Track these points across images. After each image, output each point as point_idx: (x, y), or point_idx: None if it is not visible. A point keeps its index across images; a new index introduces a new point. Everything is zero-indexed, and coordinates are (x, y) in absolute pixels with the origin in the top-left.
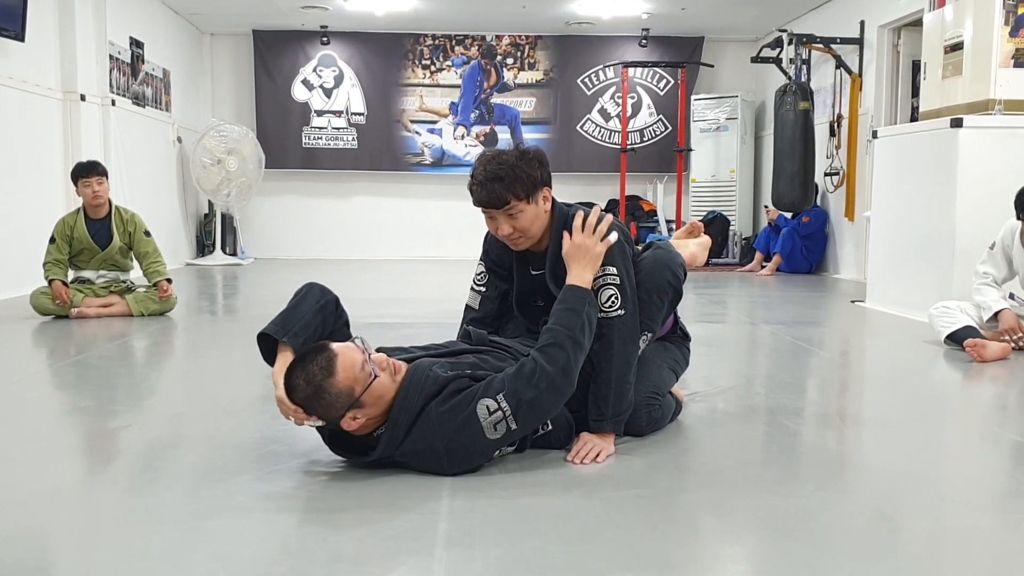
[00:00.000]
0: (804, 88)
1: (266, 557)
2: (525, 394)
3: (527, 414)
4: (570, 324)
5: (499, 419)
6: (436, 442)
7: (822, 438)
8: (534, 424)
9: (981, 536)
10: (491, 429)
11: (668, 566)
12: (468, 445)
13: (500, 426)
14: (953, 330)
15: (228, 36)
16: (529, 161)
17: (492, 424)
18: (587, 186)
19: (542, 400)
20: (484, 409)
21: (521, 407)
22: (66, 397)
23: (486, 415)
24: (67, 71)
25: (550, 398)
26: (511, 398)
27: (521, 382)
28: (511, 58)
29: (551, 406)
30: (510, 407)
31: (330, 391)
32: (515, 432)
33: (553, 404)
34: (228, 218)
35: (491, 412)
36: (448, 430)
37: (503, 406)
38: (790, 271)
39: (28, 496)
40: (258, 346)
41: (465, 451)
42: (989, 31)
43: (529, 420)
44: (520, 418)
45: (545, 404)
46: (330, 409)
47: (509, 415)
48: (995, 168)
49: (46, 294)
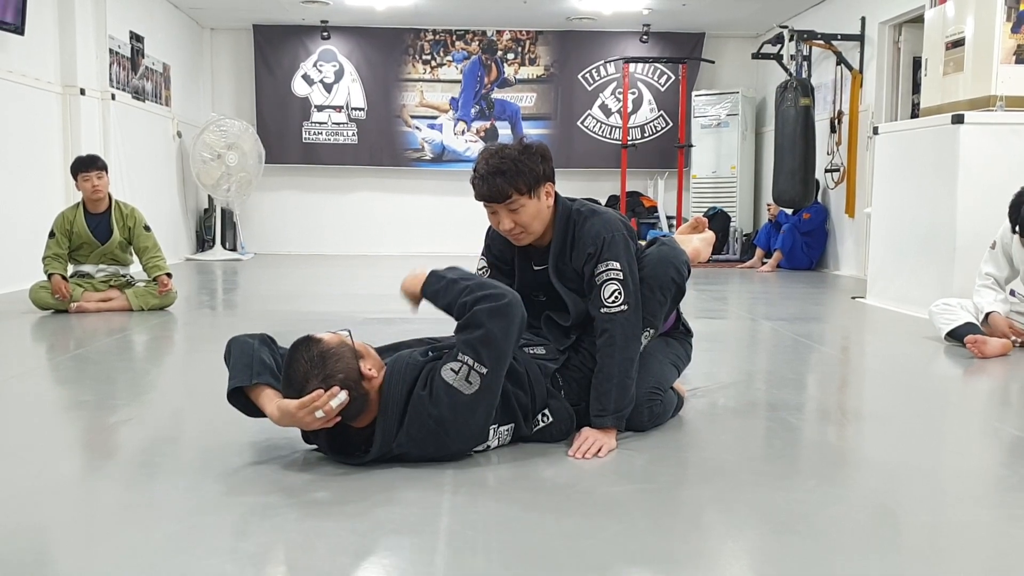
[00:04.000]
0: (805, 84)
1: (267, 551)
2: (474, 335)
3: (486, 351)
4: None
5: (466, 372)
6: (428, 422)
7: (823, 433)
8: (501, 359)
9: (982, 530)
10: (464, 384)
11: (670, 560)
12: (455, 412)
13: (472, 377)
14: (954, 327)
15: (228, 31)
16: (532, 155)
17: (463, 379)
18: (588, 182)
19: (493, 330)
20: (449, 372)
21: (477, 349)
22: (66, 392)
23: (452, 376)
24: (67, 65)
25: (499, 325)
26: (465, 348)
27: (465, 332)
28: (512, 53)
29: (504, 334)
30: (469, 356)
31: (330, 348)
32: (488, 376)
33: (504, 332)
34: (228, 213)
35: (456, 372)
36: (433, 405)
37: (463, 359)
38: (791, 267)
39: (28, 491)
40: (233, 406)
41: (455, 419)
42: (991, 27)
43: (492, 356)
44: (484, 358)
45: (498, 334)
46: (346, 362)
47: (473, 364)
48: (996, 165)
49: (45, 288)
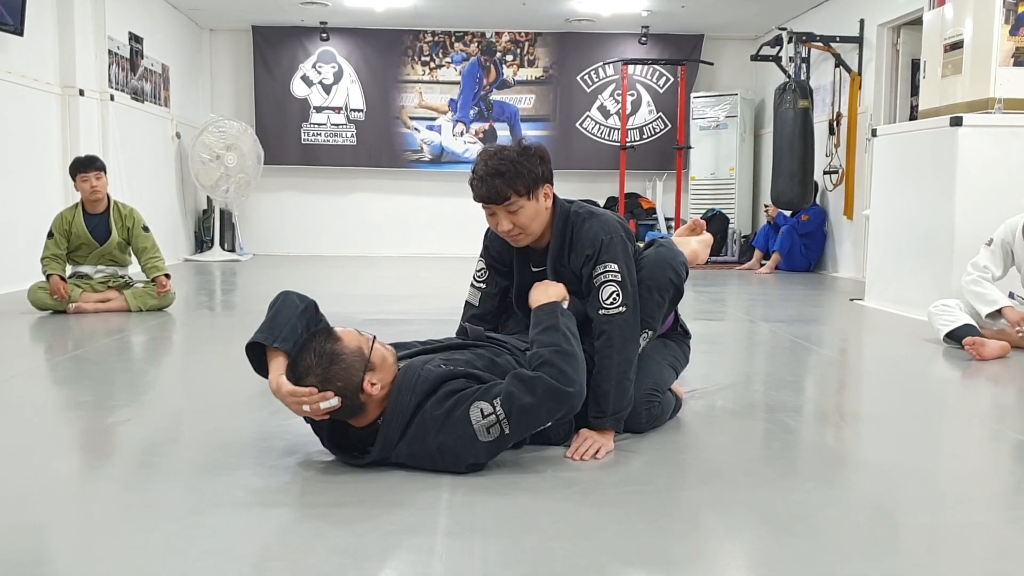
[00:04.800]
0: (803, 86)
1: (265, 552)
2: (522, 399)
3: (521, 419)
4: (551, 341)
5: (492, 422)
6: (430, 443)
7: (821, 435)
8: (527, 431)
9: (980, 532)
10: (483, 432)
11: (668, 562)
12: (458, 447)
13: (493, 429)
14: (952, 328)
15: (227, 32)
16: (531, 157)
17: (485, 427)
18: (586, 183)
19: (540, 408)
20: (478, 412)
21: (515, 412)
22: (64, 392)
23: (479, 418)
24: (66, 66)
25: (548, 407)
26: (507, 402)
27: (518, 387)
28: (510, 55)
29: (548, 415)
30: (504, 411)
31: (344, 352)
32: (507, 437)
33: (551, 413)
34: (227, 214)
35: (484, 415)
36: (440, 431)
37: (497, 410)
38: (789, 269)
39: (26, 491)
40: (248, 358)
41: (455, 453)
42: (989, 30)
43: (522, 426)
44: (513, 422)
45: (543, 412)
46: (350, 373)
47: (503, 419)
48: (994, 167)
49: (44, 289)
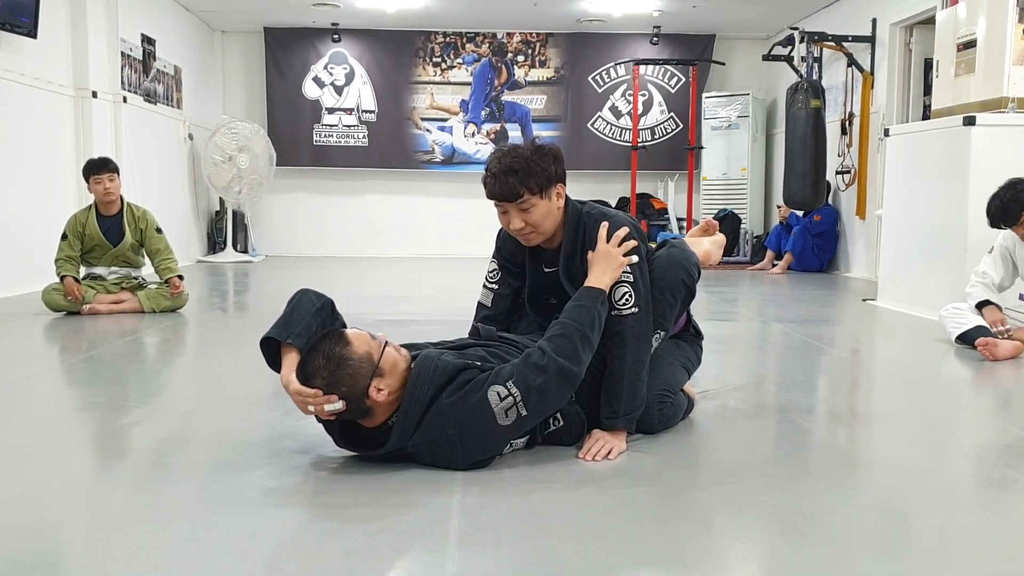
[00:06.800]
0: (815, 86)
1: (278, 552)
2: (534, 380)
3: (536, 401)
4: (580, 319)
5: (510, 405)
6: (449, 429)
7: (833, 435)
8: (543, 412)
9: (992, 533)
10: (503, 415)
11: (680, 563)
12: (481, 431)
13: (511, 412)
14: (964, 330)
15: (239, 33)
16: (544, 156)
17: (503, 410)
18: (598, 184)
19: (550, 387)
20: (495, 395)
21: (531, 393)
22: (78, 393)
23: (497, 400)
24: (79, 68)
25: (558, 385)
26: (520, 384)
27: (529, 369)
28: (522, 55)
29: (559, 394)
30: (520, 393)
31: (352, 358)
32: (525, 419)
33: (560, 392)
34: (239, 215)
35: (502, 398)
36: (460, 416)
37: (513, 392)
38: (801, 269)
39: (40, 492)
40: (262, 352)
41: (478, 438)
42: (1002, 29)
43: (538, 407)
44: (530, 404)
45: (553, 391)
46: (356, 378)
47: (519, 401)
48: (1008, 166)
49: (58, 290)
